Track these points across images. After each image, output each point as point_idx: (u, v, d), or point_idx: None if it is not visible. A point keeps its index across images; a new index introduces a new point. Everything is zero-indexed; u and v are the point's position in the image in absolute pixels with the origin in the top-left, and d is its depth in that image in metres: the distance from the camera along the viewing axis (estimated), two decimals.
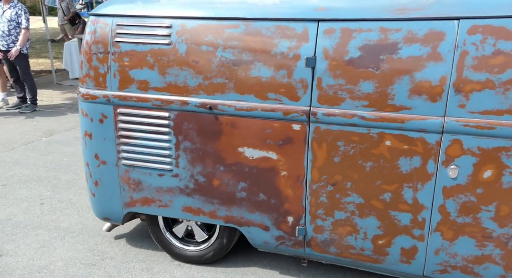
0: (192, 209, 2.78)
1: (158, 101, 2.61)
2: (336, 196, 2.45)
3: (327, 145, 2.38)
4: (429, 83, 2.14)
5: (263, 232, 2.68)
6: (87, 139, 2.86)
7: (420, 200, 2.30)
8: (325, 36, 2.27)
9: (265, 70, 2.38)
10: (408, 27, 2.15)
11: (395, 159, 2.28)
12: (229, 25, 2.42)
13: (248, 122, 2.48)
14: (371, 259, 2.52)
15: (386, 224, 2.41)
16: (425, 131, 2.19)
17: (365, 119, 2.27)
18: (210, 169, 2.64)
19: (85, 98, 2.77)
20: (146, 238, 3.33)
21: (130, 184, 2.85)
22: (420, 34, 2.13)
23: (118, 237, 3.37)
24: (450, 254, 2.35)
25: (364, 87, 2.24)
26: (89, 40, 2.70)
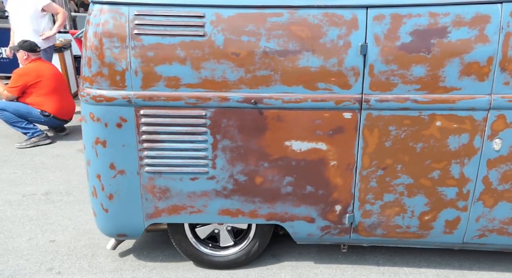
0: (230, 211, 2.62)
1: (192, 99, 2.38)
2: (386, 179, 2.51)
3: (378, 130, 2.42)
4: (478, 64, 2.29)
5: (308, 225, 2.65)
6: (99, 148, 2.51)
7: (466, 174, 2.48)
8: (375, 23, 2.28)
9: (314, 59, 2.32)
10: (456, 11, 2.26)
11: (445, 138, 2.41)
12: (272, 13, 2.30)
13: (296, 114, 2.40)
14: (416, 235, 2.66)
15: (433, 200, 2.55)
16: (474, 109, 2.35)
17: (417, 103, 2.35)
18: (252, 167, 2.51)
19: (97, 100, 2.41)
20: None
21: (155, 193, 2.58)
22: (467, 17, 2.25)
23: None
24: (489, 220, 2.58)
25: (416, 71, 2.31)
26: (98, 32, 2.34)
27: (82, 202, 3.73)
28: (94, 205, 2.71)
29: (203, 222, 2.74)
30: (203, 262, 2.87)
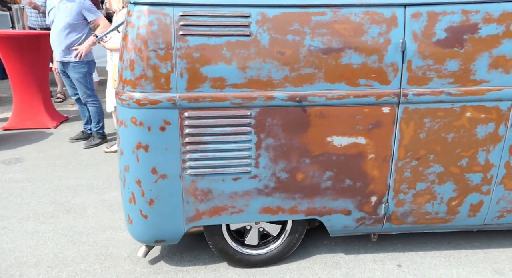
0: (271, 209, 2.57)
1: (238, 99, 2.31)
2: (419, 169, 2.57)
3: (414, 123, 2.47)
4: (504, 58, 2.40)
5: (344, 217, 2.66)
6: (140, 152, 2.37)
7: (491, 160, 2.59)
8: (413, 20, 2.32)
9: (356, 57, 2.32)
10: (486, 9, 2.34)
11: (474, 127, 2.50)
12: (315, 12, 2.27)
13: (338, 111, 2.39)
14: (443, 220, 2.75)
15: (461, 186, 2.64)
16: (500, 100, 2.46)
17: (451, 95, 2.42)
18: (294, 164, 2.47)
19: (141, 104, 2.27)
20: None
21: (197, 195, 2.48)
22: (496, 15, 2.35)
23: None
24: (508, 201, 2.72)
25: (450, 65, 2.38)
26: (143, 34, 2.20)
27: (7, 218, 3.43)
28: (130, 212, 2.55)
29: (244, 222, 2.66)
30: (239, 261, 2.79)
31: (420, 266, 2.84)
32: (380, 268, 2.83)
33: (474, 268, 2.83)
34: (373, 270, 2.80)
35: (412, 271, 2.79)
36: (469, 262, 2.89)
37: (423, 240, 3.12)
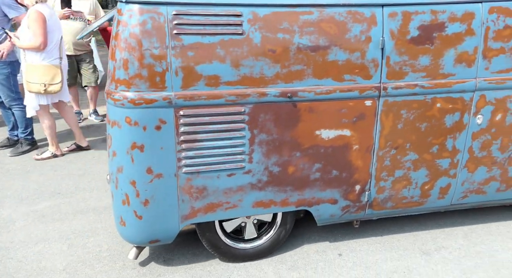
0: (264, 203, 2.61)
1: (232, 96, 2.32)
2: (397, 157, 2.73)
3: (393, 115, 2.62)
4: (467, 53, 2.61)
5: (331, 206, 2.76)
6: (135, 153, 2.30)
7: (457, 146, 2.81)
8: (390, 19, 2.46)
9: (341, 53, 2.43)
10: (451, 9, 2.55)
11: (443, 117, 2.70)
12: (303, 11, 2.34)
13: (325, 105, 2.49)
14: (417, 203, 2.93)
15: (432, 171, 2.84)
16: (464, 91, 2.68)
17: (423, 88, 2.60)
18: (286, 158, 2.53)
19: (136, 103, 2.21)
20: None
21: (192, 193, 2.45)
22: (459, 14, 2.56)
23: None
24: (470, 182, 2.95)
25: (422, 61, 2.56)
26: (137, 33, 2.15)
27: None
28: (123, 214, 2.47)
29: (238, 216, 2.66)
30: (233, 256, 2.79)
31: (359, 253, 2.95)
32: (323, 258, 2.89)
33: (405, 251, 2.98)
34: (316, 261, 2.86)
35: (351, 259, 2.89)
36: (400, 246, 3.03)
37: (361, 229, 3.22)
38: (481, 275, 2.75)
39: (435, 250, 3.00)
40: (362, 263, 2.85)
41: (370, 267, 2.81)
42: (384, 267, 2.81)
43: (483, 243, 3.08)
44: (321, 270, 2.77)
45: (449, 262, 2.87)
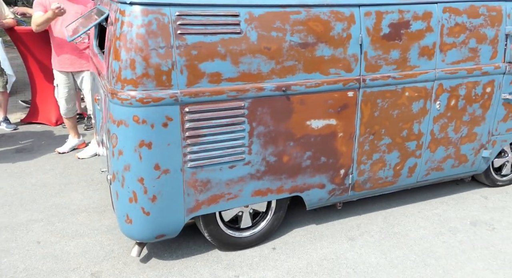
0: (261, 191, 2.71)
1: (233, 92, 2.40)
2: (374, 142, 2.96)
3: (370, 104, 2.84)
4: (428, 47, 2.91)
5: (320, 191, 2.92)
6: (143, 150, 2.30)
7: (422, 130, 3.10)
8: (365, 18, 2.68)
9: (326, 49, 2.60)
10: (414, 9, 2.82)
11: (410, 104, 2.98)
12: (293, 11, 2.48)
13: (314, 97, 2.64)
14: (390, 183, 3.19)
15: (402, 153, 3.11)
16: (427, 81, 2.97)
17: (395, 79, 2.85)
18: (281, 148, 2.65)
19: (144, 102, 2.21)
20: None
21: (196, 187, 2.49)
22: (420, 13, 2.84)
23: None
24: (432, 161, 3.27)
25: (393, 55, 2.81)
26: (143, 33, 2.15)
27: None
28: (130, 212, 2.44)
29: (239, 206, 2.73)
30: (232, 245, 2.86)
31: (292, 245, 2.99)
32: (258, 254, 2.90)
33: (332, 238, 3.07)
34: (251, 257, 2.85)
35: (285, 251, 2.93)
36: (329, 234, 3.13)
37: (294, 221, 3.27)
38: (398, 253, 2.93)
39: (359, 235, 3.13)
40: (294, 254, 2.90)
41: (302, 257, 2.87)
42: (315, 255, 2.89)
43: (399, 224, 3.27)
44: (256, 266, 2.78)
45: (371, 245, 3.02)
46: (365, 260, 2.86)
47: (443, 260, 2.86)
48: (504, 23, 3.16)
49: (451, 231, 3.19)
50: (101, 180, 3.82)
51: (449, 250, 2.97)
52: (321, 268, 2.77)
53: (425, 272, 2.75)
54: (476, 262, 2.86)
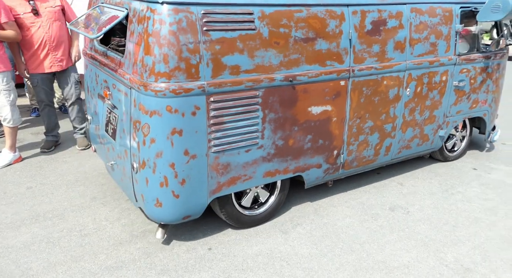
0: (271, 172, 2.95)
1: (250, 82, 2.62)
2: (360, 125, 3.32)
3: (358, 91, 3.19)
4: (400, 42, 3.32)
5: (317, 170, 3.22)
6: (175, 137, 2.45)
7: (396, 113, 3.52)
8: (353, 16, 3.02)
9: (323, 44, 2.90)
10: (389, 9, 3.22)
11: (387, 91, 3.38)
12: (296, 10, 2.75)
13: (315, 86, 2.94)
14: (371, 161, 3.58)
15: (381, 134, 3.50)
16: (400, 71, 3.39)
17: (376, 69, 3.23)
18: (288, 132, 2.91)
19: (176, 93, 2.36)
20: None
21: (218, 170, 2.68)
22: (394, 12, 3.25)
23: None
24: (403, 140, 3.72)
25: (375, 48, 3.18)
26: (175, 30, 2.30)
27: None
28: (160, 196, 2.57)
29: (253, 186, 2.95)
30: (244, 223, 3.08)
31: (227, 244, 2.97)
32: (193, 256, 2.84)
33: (267, 234, 3.10)
34: (187, 260, 2.79)
35: (221, 250, 2.91)
36: (264, 229, 3.15)
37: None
38: (327, 242, 3.03)
39: (292, 228, 3.19)
40: (230, 253, 2.88)
41: (237, 255, 2.86)
42: (250, 252, 2.89)
43: (328, 215, 3.37)
44: (192, 268, 2.73)
45: (303, 237, 3.09)
46: (298, 252, 2.92)
47: (367, 245, 3.01)
48: (454, 22, 3.68)
49: (373, 217, 3.36)
50: (16, 192, 3.58)
51: (371, 235, 3.13)
52: (256, 263, 2.79)
53: (351, 258, 2.87)
54: (394, 243, 3.04)
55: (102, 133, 3.22)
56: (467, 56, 3.87)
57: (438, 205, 3.58)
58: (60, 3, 4.23)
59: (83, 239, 2.99)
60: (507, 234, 3.17)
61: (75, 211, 3.35)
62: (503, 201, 3.66)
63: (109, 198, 3.56)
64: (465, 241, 3.07)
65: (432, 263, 2.81)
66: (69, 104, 4.48)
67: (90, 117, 3.50)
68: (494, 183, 3.98)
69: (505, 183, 3.98)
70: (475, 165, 4.36)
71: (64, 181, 3.84)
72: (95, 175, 3.95)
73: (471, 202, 3.63)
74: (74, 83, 4.41)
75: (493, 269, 2.78)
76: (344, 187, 3.84)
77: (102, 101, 3.16)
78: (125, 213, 3.33)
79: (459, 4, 3.71)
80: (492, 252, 2.95)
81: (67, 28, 4.30)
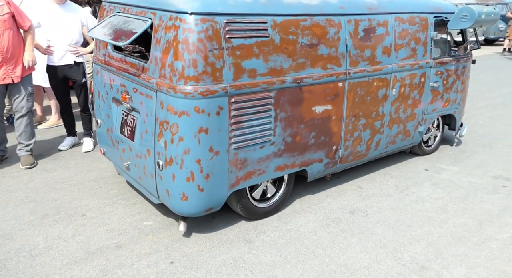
0: (281, 167, 3.20)
1: (264, 84, 2.87)
2: (355, 123, 3.64)
3: (353, 92, 3.51)
4: (387, 47, 3.68)
5: (319, 164, 3.50)
6: (201, 135, 2.65)
7: (384, 112, 3.87)
8: (348, 24, 3.34)
9: (325, 49, 3.20)
10: (377, 18, 3.57)
11: (377, 91, 3.72)
12: (301, 19, 3.03)
13: (318, 87, 3.22)
14: (363, 155, 3.90)
15: (372, 131, 3.84)
16: (387, 73, 3.75)
17: (368, 72, 3.56)
18: (295, 129, 3.18)
19: (204, 94, 2.57)
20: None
21: (237, 165, 2.90)
22: (381, 21, 3.60)
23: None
24: (390, 136, 4.08)
25: (366, 53, 3.51)
26: (202, 38, 2.51)
27: None
28: (187, 190, 2.76)
29: (265, 180, 3.18)
30: (256, 214, 3.30)
31: (190, 256, 2.92)
32: (154, 270, 2.77)
33: (231, 244, 3.06)
34: (147, 275, 2.73)
35: (183, 263, 2.85)
36: (227, 240, 3.10)
37: (192, 231, 3.19)
38: (291, 249, 3.03)
39: (256, 236, 3.16)
40: (193, 265, 2.84)
41: (201, 267, 2.82)
42: (214, 263, 2.86)
43: (291, 221, 3.38)
44: None
45: (267, 244, 3.07)
46: (262, 260, 2.91)
47: (329, 249, 3.04)
48: (430, 29, 4.09)
49: (335, 221, 3.40)
50: None
51: (333, 239, 3.17)
52: (220, 275, 2.75)
53: (314, 263, 2.89)
54: (355, 246, 3.09)
55: (117, 135, 3.36)
56: (440, 59, 4.30)
57: (394, 206, 3.69)
58: (9, 10, 3.93)
59: (33, 259, 2.83)
60: (456, 231, 3.33)
61: (24, 230, 3.16)
62: (452, 199, 3.85)
63: (63, 214, 3.40)
64: (419, 240, 3.19)
65: (391, 263, 2.90)
66: (18, 117, 4.21)
67: (100, 120, 3.62)
68: (444, 183, 4.18)
69: (454, 182, 4.18)
70: (426, 166, 4.55)
71: (12, 197, 3.63)
72: (47, 190, 3.78)
73: (424, 202, 3.78)
74: (27, 95, 4.18)
75: (445, 265, 2.91)
76: (306, 192, 3.86)
77: (117, 105, 3.30)
78: (81, 229, 3.19)
79: (433, 14, 4.14)
80: (444, 248, 3.09)
81: (21, 37, 4.12)
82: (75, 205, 3.54)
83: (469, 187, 4.09)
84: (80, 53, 4.50)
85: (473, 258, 2.98)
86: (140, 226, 3.25)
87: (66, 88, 4.69)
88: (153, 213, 3.44)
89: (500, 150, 5.10)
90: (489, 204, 3.77)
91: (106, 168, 4.26)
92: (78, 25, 4.53)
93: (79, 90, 4.64)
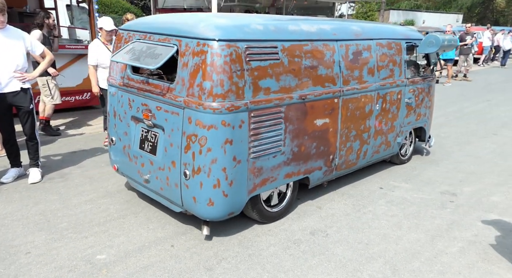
0: (289, 174, 3.53)
1: (277, 100, 3.23)
2: (348, 134, 4.05)
3: (346, 107, 3.93)
4: (371, 68, 4.17)
5: (319, 172, 3.86)
6: (227, 146, 2.94)
7: (370, 124, 4.32)
8: (340, 48, 3.79)
9: (323, 70, 3.61)
10: (363, 43, 4.05)
11: (364, 107, 4.17)
12: (304, 44, 3.44)
13: (318, 103, 3.62)
14: (354, 164, 4.31)
15: (361, 141, 4.27)
16: (372, 90, 4.22)
17: (357, 90, 4.01)
18: (300, 140, 3.53)
19: (230, 110, 2.89)
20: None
21: (254, 173, 3.20)
22: (366, 46, 4.09)
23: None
24: (375, 146, 4.52)
25: (355, 73, 3.97)
26: (228, 61, 2.86)
27: None
28: (213, 196, 3.02)
29: (277, 187, 3.49)
30: (267, 218, 3.59)
31: None
32: None
33: (191, 273, 2.93)
34: None
35: None
36: (187, 269, 2.98)
37: (150, 262, 3.06)
38: (253, 274, 2.96)
39: (217, 263, 3.07)
40: None
41: None
42: None
43: (252, 246, 3.31)
44: None
45: (228, 271, 2.98)
46: None
47: (291, 272, 2.99)
48: (403, 53, 4.64)
49: (296, 243, 3.37)
50: None
51: (295, 262, 3.12)
52: None
53: None
54: (316, 268, 3.06)
55: (135, 151, 3.58)
56: (412, 79, 4.85)
57: (352, 225, 3.72)
58: None
59: None
60: (410, 247, 3.39)
61: None
62: (405, 215, 3.94)
63: (4, 253, 3.10)
64: (377, 258, 3.22)
65: None
66: None
67: (115, 138, 3.82)
68: (397, 200, 4.29)
69: (406, 199, 4.32)
70: (381, 184, 4.67)
71: None
72: None
73: (380, 219, 3.83)
74: None
75: None
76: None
77: (135, 123, 3.54)
78: (24, 269, 2.92)
79: (405, 40, 4.70)
80: (400, 265, 3.13)
81: None
82: (19, 243, 3.24)
83: (421, 203, 4.23)
84: (27, 79, 4.30)
85: (426, 273, 3.05)
86: (93, 260, 3.04)
87: (10, 116, 4.39)
88: (108, 245, 3.25)
89: (445, 166, 5.38)
90: (438, 219, 3.90)
91: (55, 200, 3.97)
92: (22, 50, 4.28)
93: (26, 118, 4.37)
